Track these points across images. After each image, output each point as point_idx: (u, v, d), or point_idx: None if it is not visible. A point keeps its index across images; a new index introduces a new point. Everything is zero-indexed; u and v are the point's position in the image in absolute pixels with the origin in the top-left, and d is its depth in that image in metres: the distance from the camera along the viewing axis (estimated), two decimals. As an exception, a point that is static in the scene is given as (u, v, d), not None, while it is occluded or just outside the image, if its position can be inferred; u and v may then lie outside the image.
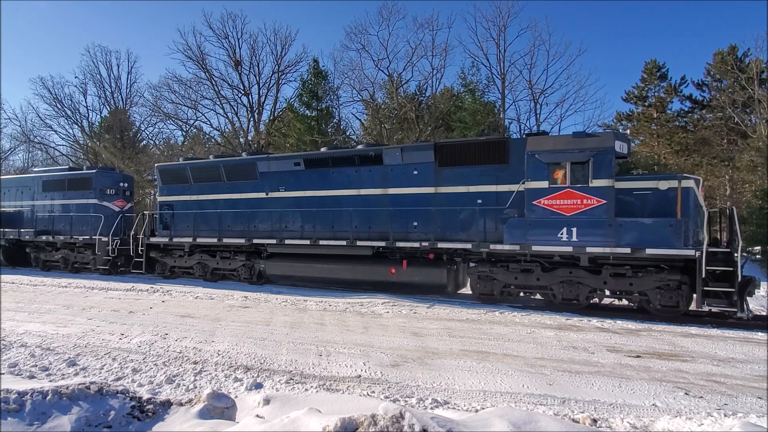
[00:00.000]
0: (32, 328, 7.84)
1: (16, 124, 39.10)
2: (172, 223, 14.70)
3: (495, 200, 10.31)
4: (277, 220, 12.77)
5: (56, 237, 16.81)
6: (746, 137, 25.16)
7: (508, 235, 9.79)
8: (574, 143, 9.36)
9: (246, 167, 13.55)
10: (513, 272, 10.05)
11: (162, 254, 14.93)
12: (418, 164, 11.22)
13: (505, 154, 10.27)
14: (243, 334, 7.47)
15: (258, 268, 13.29)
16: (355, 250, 11.56)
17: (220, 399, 3.86)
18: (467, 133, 25.00)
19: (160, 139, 38.50)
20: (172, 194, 14.92)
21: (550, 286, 9.76)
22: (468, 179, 10.63)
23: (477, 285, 10.51)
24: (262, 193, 13.25)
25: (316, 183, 12.51)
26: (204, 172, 14.34)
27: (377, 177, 11.75)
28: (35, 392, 3.55)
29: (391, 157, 11.53)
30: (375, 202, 11.73)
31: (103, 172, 17.56)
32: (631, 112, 31.17)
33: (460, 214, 10.71)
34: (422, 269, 11.03)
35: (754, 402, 4.71)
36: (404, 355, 6.34)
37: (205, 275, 14.08)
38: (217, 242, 13.51)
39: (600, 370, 5.68)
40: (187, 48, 30.98)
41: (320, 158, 12.60)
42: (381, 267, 11.44)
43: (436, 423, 2.79)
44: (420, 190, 11.19)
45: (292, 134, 27.90)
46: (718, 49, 28.55)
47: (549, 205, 9.47)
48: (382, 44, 28.26)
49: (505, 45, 27.55)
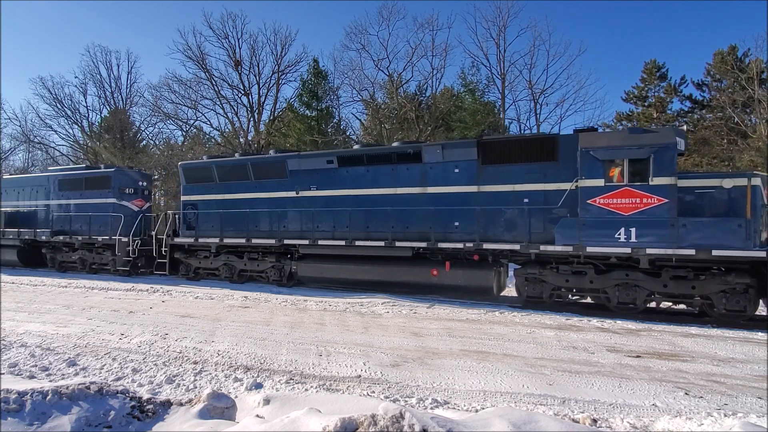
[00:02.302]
0: (32, 328, 7.84)
1: (16, 124, 39.22)
2: (196, 222, 14.29)
3: (543, 199, 9.90)
4: (309, 220, 12.35)
5: (74, 237, 16.30)
6: (746, 137, 25.18)
7: (560, 236, 9.35)
8: (633, 139, 8.91)
9: (275, 165, 13.13)
10: (563, 274, 9.60)
11: (186, 255, 14.50)
12: (459, 162, 10.81)
13: (554, 151, 9.83)
14: (243, 334, 7.47)
15: (288, 270, 12.85)
16: (394, 251, 11.14)
17: (220, 399, 3.85)
18: (467, 133, 25.01)
19: (160, 139, 38.65)
20: (196, 193, 14.48)
21: (605, 289, 9.29)
22: (513, 177, 10.22)
23: (524, 288, 10.01)
24: (291, 192, 12.84)
25: (349, 181, 12.09)
26: (230, 171, 13.87)
27: (415, 175, 11.34)
28: (35, 392, 3.55)
29: (431, 154, 11.13)
30: (413, 201, 11.31)
31: (121, 170, 17.05)
32: (631, 112, 31.22)
33: (505, 213, 10.30)
34: (466, 271, 10.54)
35: (754, 402, 4.71)
36: (404, 355, 6.34)
37: (231, 277, 13.68)
38: (246, 243, 13.05)
39: (600, 370, 5.68)
40: (187, 48, 31.09)
41: (355, 156, 12.19)
42: (421, 269, 10.99)
43: (436, 423, 2.79)
44: (461, 188, 10.78)
45: (292, 134, 27.93)
46: (718, 49, 28.69)
47: (605, 204, 9.02)
48: (382, 44, 28.37)
49: (505, 45, 27.72)
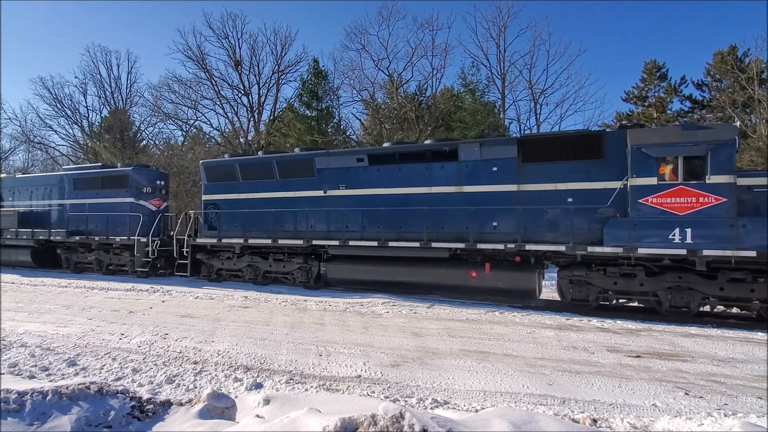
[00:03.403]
0: (32, 328, 7.84)
1: (16, 124, 39.06)
2: (218, 222, 13.94)
3: (587, 198, 9.57)
4: (338, 220, 12.00)
5: (90, 238, 15.89)
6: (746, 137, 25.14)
7: (610, 237, 9.01)
8: (688, 136, 8.59)
9: (302, 164, 12.81)
10: (612, 276, 9.25)
11: (208, 256, 14.12)
12: (498, 160, 10.44)
13: (600, 148, 9.51)
14: (243, 334, 7.47)
15: (316, 272, 12.46)
16: (429, 252, 10.78)
17: (220, 399, 3.85)
18: (467, 133, 24.99)
19: (160, 139, 38.50)
20: (218, 192, 14.13)
21: (656, 292, 8.99)
22: (556, 176, 9.87)
23: (569, 290, 9.67)
24: (319, 191, 12.48)
25: (381, 180, 11.73)
26: (254, 169, 13.52)
27: (451, 174, 10.97)
28: (35, 392, 3.55)
29: (468, 152, 10.79)
30: (448, 200, 10.94)
31: (139, 169, 16.52)
32: (631, 112, 31.20)
33: (547, 213, 9.94)
34: (508, 273, 10.16)
35: (754, 402, 4.71)
36: (404, 355, 6.33)
37: (256, 278, 13.34)
38: (272, 243, 12.68)
39: (600, 370, 5.68)
40: (187, 48, 31.01)
41: (387, 154, 11.85)
42: (459, 270, 10.58)
43: (436, 423, 2.79)
44: (500, 187, 10.42)
45: (292, 134, 27.93)
46: (718, 49, 28.63)
47: (658, 204, 8.67)
48: (382, 44, 28.32)
49: (505, 45, 27.64)
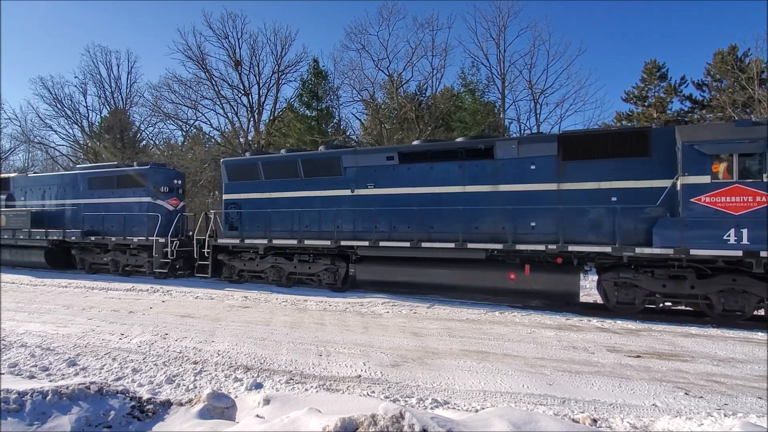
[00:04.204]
0: (32, 328, 7.84)
1: (16, 124, 39.19)
2: (239, 222, 13.59)
3: (633, 197, 9.19)
4: (367, 220, 11.64)
5: (107, 238, 15.53)
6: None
7: (659, 237, 8.65)
8: (743, 132, 8.24)
9: (328, 162, 12.40)
10: (660, 279, 8.90)
11: (230, 257, 13.75)
12: (536, 158, 10.05)
13: (647, 145, 9.13)
14: (243, 334, 7.47)
15: (343, 273, 12.13)
16: (465, 253, 10.36)
17: (220, 399, 3.85)
18: (467, 133, 24.97)
19: (160, 139, 38.55)
20: (239, 192, 13.74)
21: (707, 295, 8.63)
22: (599, 174, 9.51)
23: (614, 293, 9.31)
24: (346, 190, 12.10)
25: (412, 179, 11.34)
26: (278, 168, 13.14)
27: (486, 172, 10.58)
28: (35, 392, 3.55)
29: (505, 150, 10.39)
30: (483, 200, 10.55)
31: (156, 168, 16.14)
32: (631, 112, 31.22)
33: (589, 213, 9.56)
34: (549, 275, 9.78)
35: (754, 402, 4.71)
36: (404, 355, 6.34)
37: (279, 280, 12.95)
38: (297, 244, 12.30)
39: (600, 370, 5.68)
40: (187, 48, 31.02)
41: (418, 152, 11.45)
42: (497, 272, 10.20)
43: (436, 423, 2.79)
44: (539, 186, 10.05)
45: (293, 134, 27.95)
46: (718, 49, 28.64)
47: (711, 203, 8.31)
48: (382, 44, 28.30)
49: (505, 45, 27.60)
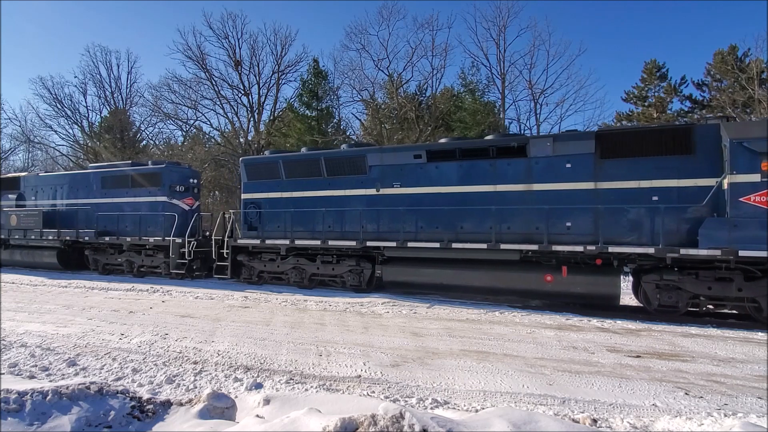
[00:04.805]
0: (32, 328, 7.84)
1: (16, 124, 39.17)
2: (258, 222, 13.32)
3: (675, 197, 8.94)
4: (393, 220, 11.36)
5: (121, 238, 15.26)
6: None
7: (706, 238, 8.37)
8: None
9: (353, 160, 12.13)
10: (705, 281, 8.60)
11: (250, 258, 13.47)
12: (572, 156, 9.77)
13: (690, 142, 8.86)
14: (243, 334, 7.47)
15: (368, 274, 11.89)
16: (498, 254, 10.09)
17: (220, 399, 3.85)
18: (467, 133, 24.98)
19: (160, 139, 38.56)
20: (259, 191, 13.48)
21: (755, 298, 8.38)
22: (639, 173, 9.22)
23: (656, 296, 9.05)
24: (371, 189, 11.80)
25: (440, 178, 11.06)
26: (300, 166, 12.89)
27: (519, 171, 10.30)
28: (35, 392, 3.55)
29: (539, 147, 10.10)
30: (515, 199, 10.28)
31: (172, 166, 15.94)
32: (631, 112, 31.21)
33: (629, 213, 9.28)
34: (588, 277, 9.45)
35: (754, 402, 4.71)
36: (404, 355, 6.33)
37: (301, 281, 12.63)
38: (321, 244, 12.02)
39: (600, 370, 5.68)
40: (187, 48, 30.99)
41: (447, 150, 11.10)
42: (532, 274, 9.91)
43: (436, 423, 2.79)
44: (575, 185, 9.77)
45: (293, 134, 27.96)
46: (718, 49, 28.63)
47: (762, 202, 8.08)
48: (382, 44, 28.35)
49: (505, 45, 27.64)
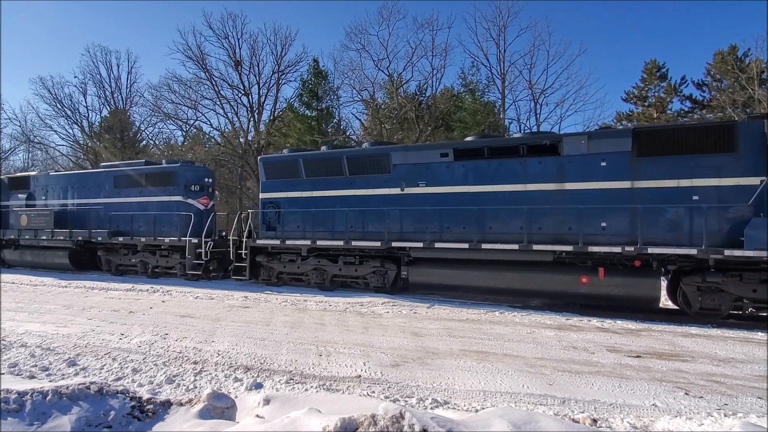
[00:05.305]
0: (32, 328, 7.84)
1: (16, 124, 39.05)
2: (277, 222, 13.10)
3: (717, 196, 8.69)
4: (419, 220, 11.15)
5: (135, 238, 15.03)
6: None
7: (752, 239, 8.12)
8: None
9: (376, 159, 11.92)
10: (749, 283, 8.34)
11: (269, 259, 13.22)
12: (608, 154, 9.53)
13: (733, 140, 8.58)
14: (243, 334, 7.47)
15: (393, 276, 11.62)
16: (530, 255, 9.84)
17: (220, 399, 3.85)
18: (467, 133, 24.97)
19: (160, 139, 38.55)
20: (278, 190, 13.24)
21: None
22: (678, 171, 8.96)
23: (697, 298, 8.79)
24: (395, 188, 11.58)
25: (467, 177, 10.85)
26: (320, 165, 12.66)
27: (551, 169, 10.07)
28: (35, 392, 3.55)
29: (573, 145, 9.87)
30: (546, 199, 10.08)
31: (187, 165, 15.78)
32: (631, 112, 31.22)
33: (667, 213, 9.02)
34: (627, 279, 9.15)
35: (754, 402, 4.71)
36: (404, 355, 6.33)
37: (323, 283, 12.39)
38: (344, 245, 11.79)
39: (600, 370, 5.68)
40: (187, 48, 30.91)
41: (475, 148, 10.87)
42: (566, 276, 9.65)
43: (436, 423, 2.79)
44: (610, 184, 9.51)
45: (293, 134, 27.95)
46: (718, 49, 28.64)
47: None
48: (382, 44, 28.29)
49: (505, 45, 27.56)
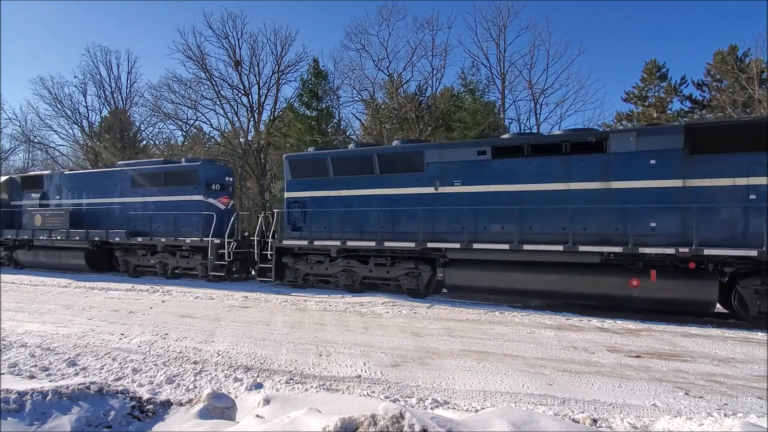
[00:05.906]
0: (32, 328, 7.84)
1: (16, 124, 39.07)
2: (303, 222, 12.74)
3: None
4: (454, 220, 10.78)
5: (155, 239, 14.66)
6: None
7: None
8: None
9: (409, 157, 11.56)
10: None
11: (295, 260, 12.87)
12: (657, 151, 9.16)
13: None
14: (243, 334, 7.47)
15: (427, 277, 11.25)
16: (576, 257, 9.49)
17: (220, 399, 3.86)
18: (467, 133, 24.96)
19: (160, 139, 38.55)
20: (304, 189, 12.82)
21: None
22: (734, 169, 8.67)
23: (755, 302, 8.50)
24: (429, 187, 11.18)
25: (505, 175, 10.48)
26: (350, 163, 12.28)
27: (595, 168, 9.70)
28: (35, 392, 3.55)
29: (621, 143, 9.49)
30: (591, 198, 9.71)
31: (208, 164, 15.39)
32: (631, 112, 31.22)
33: (721, 212, 8.74)
34: (681, 282, 8.76)
35: (754, 402, 4.71)
36: (404, 355, 6.33)
37: (352, 285, 12.01)
38: (376, 246, 11.41)
39: (600, 370, 5.68)
40: (187, 48, 30.89)
41: (514, 146, 10.49)
42: (614, 278, 9.26)
43: (436, 423, 2.79)
44: (660, 183, 9.15)
45: (293, 134, 27.93)
46: (718, 49, 28.66)
47: None
48: (382, 44, 28.27)
49: (505, 45, 27.57)
